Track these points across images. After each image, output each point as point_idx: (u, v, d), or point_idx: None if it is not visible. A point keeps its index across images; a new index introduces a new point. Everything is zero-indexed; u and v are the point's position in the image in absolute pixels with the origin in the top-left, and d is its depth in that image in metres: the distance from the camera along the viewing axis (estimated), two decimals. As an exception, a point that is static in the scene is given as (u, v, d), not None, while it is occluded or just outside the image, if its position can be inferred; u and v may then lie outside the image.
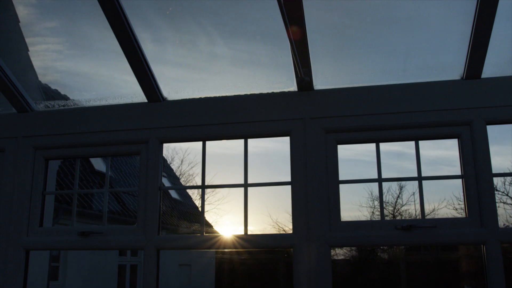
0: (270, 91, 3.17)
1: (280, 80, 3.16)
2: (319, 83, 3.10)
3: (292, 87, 3.14)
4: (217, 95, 3.24)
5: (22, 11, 3.58)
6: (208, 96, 3.26)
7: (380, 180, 2.98)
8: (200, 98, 3.26)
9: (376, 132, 2.98)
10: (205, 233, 3.08)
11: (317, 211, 2.91)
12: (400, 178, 3.15)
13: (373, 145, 3.03)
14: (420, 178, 2.95)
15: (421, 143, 3.00)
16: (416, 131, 2.94)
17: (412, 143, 3.00)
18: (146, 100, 3.33)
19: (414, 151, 2.98)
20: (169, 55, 3.41)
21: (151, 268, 3.07)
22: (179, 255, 16.67)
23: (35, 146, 3.42)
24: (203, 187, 3.23)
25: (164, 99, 3.32)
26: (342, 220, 2.92)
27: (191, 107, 3.24)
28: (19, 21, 3.62)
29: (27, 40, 3.67)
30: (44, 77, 3.97)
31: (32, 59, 3.75)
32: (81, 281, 11.61)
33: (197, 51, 3.39)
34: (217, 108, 3.20)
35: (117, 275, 13.44)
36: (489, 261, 2.73)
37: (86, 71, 3.70)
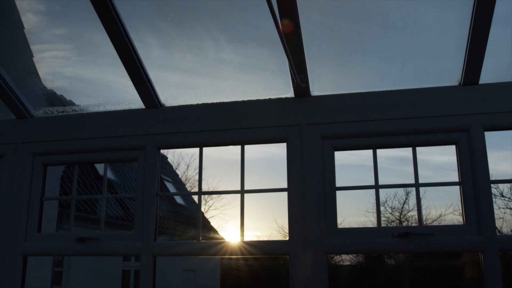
0: (267, 97, 3.17)
1: (277, 86, 3.15)
2: (316, 89, 3.09)
3: (289, 93, 3.14)
4: (214, 101, 3.24)
5: (31, 19, 3.59)
6: (205, 102, 3.26)
7: (377, 186, 2.97)
8: (197, 104, 3.26)
9: (373, 139, 2.97)
10: (210, 238, 3.08)
11: (313, 217, 2.90)
12: (397, 185, 3.12)
13: (379, 151, 3.00)
14: (417, 185, 2.93)
15: (429, 148, 2.98)
16: (414, 137, 2.93)
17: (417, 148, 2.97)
18: (143, 107, 3.34)
19: (419, 157, 2.96)
20: (173, 60, 3.42)
21: (147, 274, 3.07)
22: (183, 261, 16.62)
23: (34, 152, 3.43)
24: (199, 193, 3.23)
25: (161, 105, 3.33)
26: (342, 226, 2.90)
27: (188, 113, 3.24)
28: (23, 27, 3.63)
29: (36, 46, 3.67)
30: (51, 83, 3.98)
31: (39, 65, 3.75)
32: (85, 286, 11.62)
33: (196, 57, 3.39)
34: (214, 114, 3.20)
35: (121, 280, 13.44)
36: (487, 269, 2.70)
37: (92, 77, 3.71)
